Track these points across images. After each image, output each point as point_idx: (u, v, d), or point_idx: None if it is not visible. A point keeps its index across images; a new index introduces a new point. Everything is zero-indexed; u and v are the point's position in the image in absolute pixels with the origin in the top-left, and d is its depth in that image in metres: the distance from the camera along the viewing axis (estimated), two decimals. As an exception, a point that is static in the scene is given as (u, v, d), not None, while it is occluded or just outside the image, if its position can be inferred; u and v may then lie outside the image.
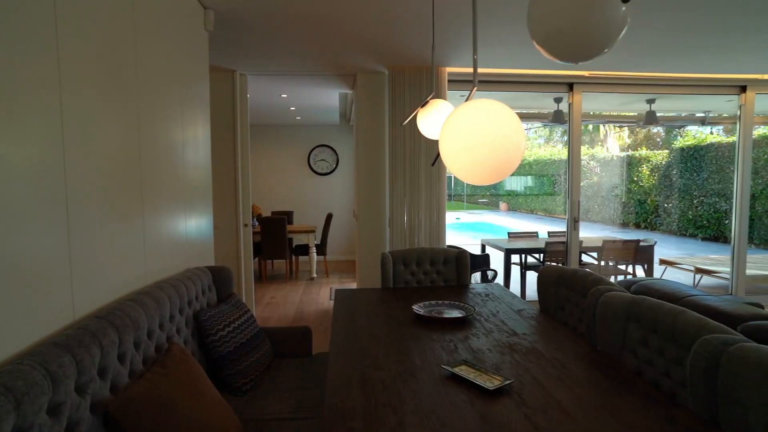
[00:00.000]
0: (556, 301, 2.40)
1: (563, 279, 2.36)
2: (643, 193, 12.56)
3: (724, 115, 7.30)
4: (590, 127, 13.79)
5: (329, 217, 6.84)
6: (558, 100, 5.57)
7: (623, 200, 13.14)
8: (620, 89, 4.87)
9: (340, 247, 8.25)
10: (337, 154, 8.12)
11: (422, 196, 4.27)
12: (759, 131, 8.12)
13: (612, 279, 5.48)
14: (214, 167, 4.28)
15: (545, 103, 5.90)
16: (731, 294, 5.11)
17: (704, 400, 1.33)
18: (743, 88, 4.92)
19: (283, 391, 2.14)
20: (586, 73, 4.66)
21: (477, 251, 5.56)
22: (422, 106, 2.16)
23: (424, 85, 4.21)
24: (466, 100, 1.36)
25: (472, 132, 1.24)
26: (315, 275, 6.73)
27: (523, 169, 16.16)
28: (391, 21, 3.07)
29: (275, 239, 6.25)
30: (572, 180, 4.83)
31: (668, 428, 1.25)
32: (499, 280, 5.42)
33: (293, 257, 7.05)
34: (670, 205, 11.90)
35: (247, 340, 2.25)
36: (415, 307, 2.28)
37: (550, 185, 15.12)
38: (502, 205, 16.92)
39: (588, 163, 14.03)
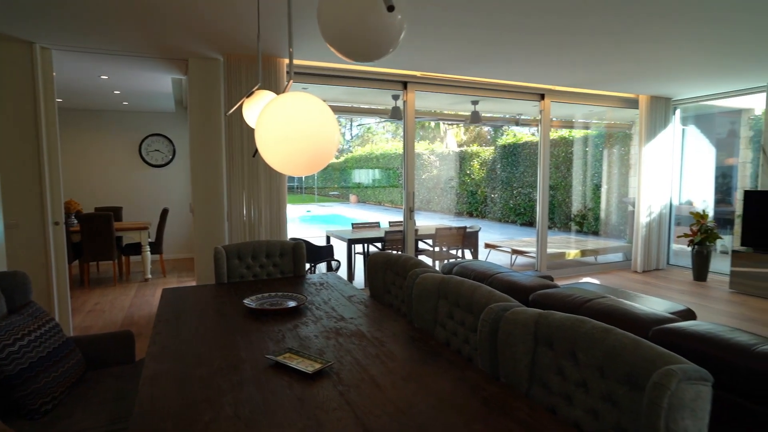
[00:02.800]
0: (383, 285, 2.57)
1: (389, 264, 2.54)
2: (474, 185, 14.08)
3: (537, 117, 8.53)
4: (432, 124, 14.94)
5: (165, 212, 6.31)
6: (396, 97, 5.91)
7: (458, 191, 14.56)
8: (449, 90, 5.37)
9: (178, 244, 7.67)
10: (173, 144, 7.50)
11: (262, 188, 4.18)
12: (557, 133, 9.67)
13: (445, 262, 6.06)
14: (10, 156, 3.64)
15: (386, 99, 6.22)
16: (536, 270, 6.03)
17: (489, 358, 1.57)
18: (542, 96, 5.82)
19: (94, 405, 1.93)
20: (418, 74, 5.03)
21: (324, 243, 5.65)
22: (248, 96, 2.12)
23: (263, 75, 4.12)
24: (283, 92, 1.38)
25: (285, 124, 1.26)
26: (150, 276, 6.16)
27: (371, 162, 16.84)
28: (218, 3, 2.94)
29: (99, 239, 5.56)
30: (407, 173, 5.20)
31: (459, 386, 1.44)
32: (343, 269, 5.60)
33: (123, 258, 6.36)
34: (496, 195, 13.55)
35: (48, 354, 1.98)
36: (246, 301, 2.25)
37: (395, 178, 16.02)
38: (352, 198, 17.43)
39: (428, 157, 15.20)
